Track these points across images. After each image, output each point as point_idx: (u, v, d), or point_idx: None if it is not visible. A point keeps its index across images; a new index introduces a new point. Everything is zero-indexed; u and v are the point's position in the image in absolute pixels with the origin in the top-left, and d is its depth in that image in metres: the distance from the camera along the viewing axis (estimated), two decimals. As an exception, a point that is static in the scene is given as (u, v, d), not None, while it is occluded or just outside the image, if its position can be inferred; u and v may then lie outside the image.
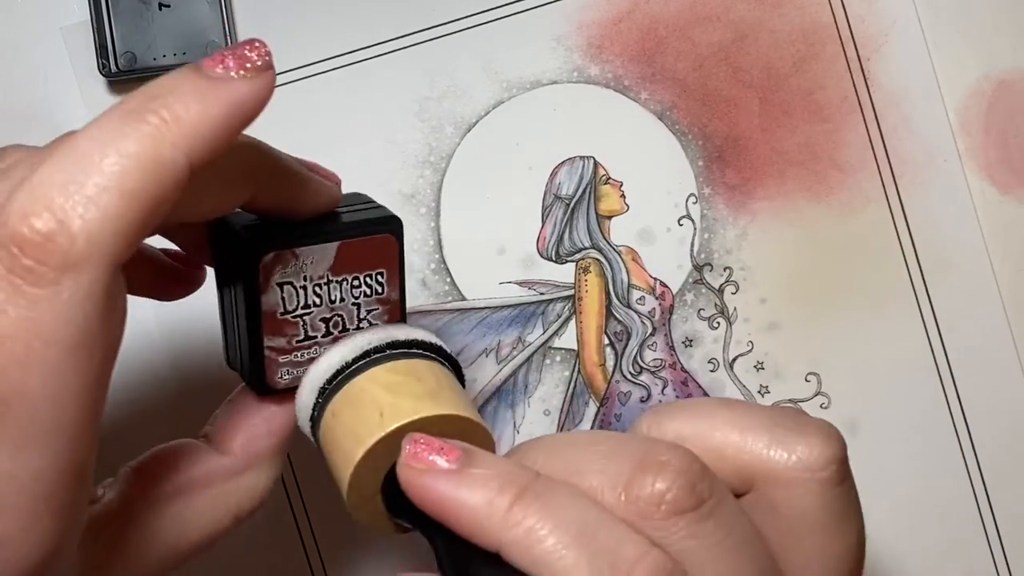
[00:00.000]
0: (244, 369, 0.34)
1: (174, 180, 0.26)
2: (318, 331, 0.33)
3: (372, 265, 0.33)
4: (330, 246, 0.32)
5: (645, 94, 0.48)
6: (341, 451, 0.31)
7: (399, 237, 0.33)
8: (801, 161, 0.48)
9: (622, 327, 0.48)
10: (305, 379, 0.33)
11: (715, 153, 0.48)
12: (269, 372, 0.33)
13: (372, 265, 0.33)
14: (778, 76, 0.48)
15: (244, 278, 0.32)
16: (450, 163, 0.48)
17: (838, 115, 0.48)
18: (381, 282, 0.33)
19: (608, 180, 0.48)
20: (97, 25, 0.45)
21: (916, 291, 0.48)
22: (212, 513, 0.33)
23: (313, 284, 0.33)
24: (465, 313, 0.48)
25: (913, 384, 0.48)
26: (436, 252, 0.48)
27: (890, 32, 0.48)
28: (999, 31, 0.49)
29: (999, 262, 0.49)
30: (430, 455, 0.29)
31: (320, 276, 0.32)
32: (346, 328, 0.33)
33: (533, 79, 0.48)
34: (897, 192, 0.48)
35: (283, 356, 0.33)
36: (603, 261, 0.48)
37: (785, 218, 0.48)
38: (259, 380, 0.33)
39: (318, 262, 0.32)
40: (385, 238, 0.33)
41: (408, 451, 0.29)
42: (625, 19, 0.48)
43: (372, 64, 0.47)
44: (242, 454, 0.33)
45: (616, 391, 0.48)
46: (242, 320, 0.33)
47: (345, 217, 0.33)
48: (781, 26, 0.48)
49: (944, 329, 0.48)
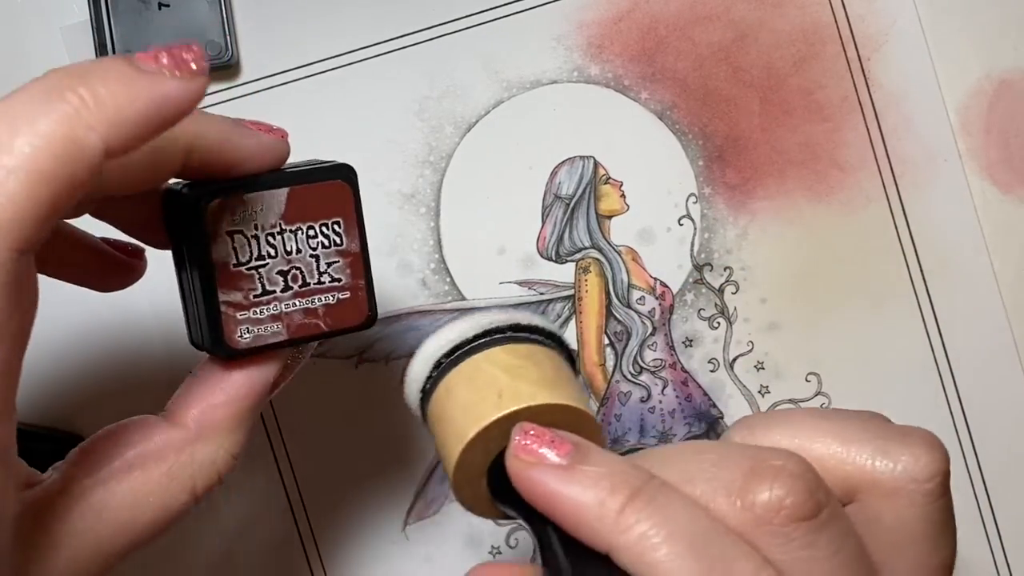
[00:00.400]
0: (203, 334, 0.32)
1: (88, 165, 0.25)
2: (276, 285, 0.32)
3: (327, 214, 0.33)
4: (279, 192, 0.32)
5: (645, 94, 0.48)
6: (453, 427, 0.31)
7: (353, 185, 0.33)
8: (801, 161, 0.48)
9: (622, 327, 0.48)
10: (420, 350, 0.32)
11: (715, 153, 0.48)
12: (227, 330, 0.32)
13: (327, 214, 0.33)
14: (778, 76, 0.48)
15: (192, 229, 0.31)
16: (450, 163, 0.48)
17: (838, 115, 0.48)
18: (339, 231, 0.33)
19: (608, 180, 0.48)
20: (97, 25, 0.45)
21: (916, 291, 0.48)
22: (167, 489, 0.32)
23: (265, 234, 0.32)
24: (465, 313, 0.48)
25: (914, 384, 0.48)
26: (436, 252, 0.48)
27: (890, 32, 0.48)
28: (1000, 31, 0.49)
29: (1000, 261, 0.48)
30: (540, 447, 0.28)
31: (272, 225, 0.32)
32: (307, 283, 0.33)
33: (533, 79, 0.48)
34: (897, 192, 0.48)
35: (241, 312, 0.32)
36: (603, 261, 0.48)
37: (785, 218, 0.48)
38: (218, 341, 0.32)
39: (268, 210, 0.32)
40: (337, 184, 0.33)
41: (518, 442, 0.29)
42: (625, 18, 0.48)
43: (372, 64, 0.47)
44: (196, 425, 0.32)
45: (616, 391, 0.48)
46: (195, 279, 0.32)
47: (295, 168, 0.33)
48: (781, 25, 0.48)
49: (944, 329, 0.48)
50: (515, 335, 0.32)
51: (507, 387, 0.30)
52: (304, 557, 0.47)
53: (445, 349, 0.32)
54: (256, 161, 0.32)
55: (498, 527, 0.48)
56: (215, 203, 0.31)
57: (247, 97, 0.47)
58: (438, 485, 0.48)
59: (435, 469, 0.48)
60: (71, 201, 0.25)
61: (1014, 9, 0.49)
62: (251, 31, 0.47)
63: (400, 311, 0.47)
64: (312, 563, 0.48)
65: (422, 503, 0.48)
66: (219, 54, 0.46)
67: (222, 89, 0.47)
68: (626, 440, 0.48)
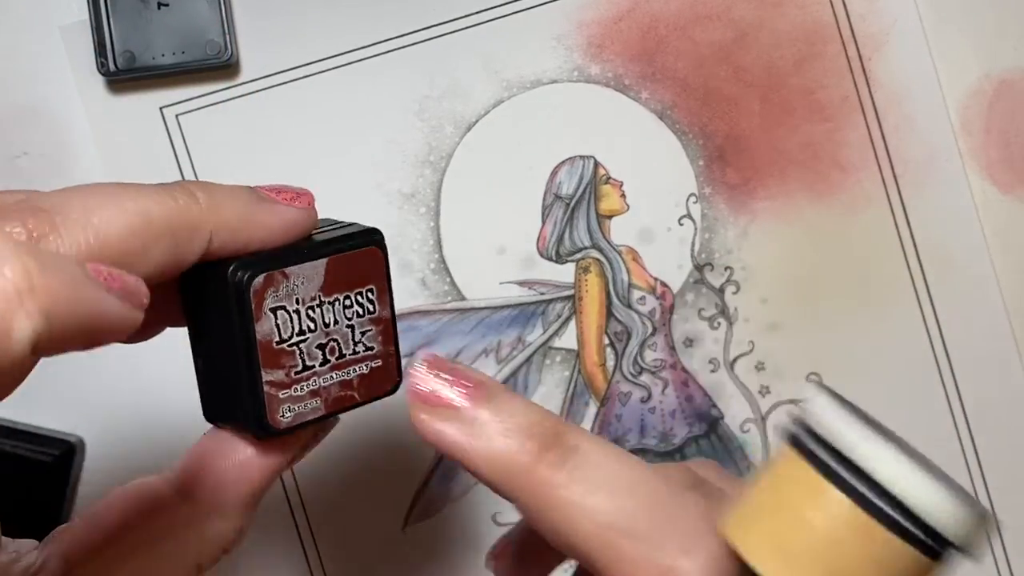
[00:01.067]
0: (241, 415, 0.31)
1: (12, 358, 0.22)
2: (315, 359, 0.32)
3: (362, 282, 0.32)
4: (319, 263, 0.31)
5: (646, 93, 0.48)
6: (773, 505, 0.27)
7: (384, 250, 0.33)
8: (802, 160, 0.48)
9: (622, 327, 0.48)
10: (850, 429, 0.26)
11: (716, 152, 0.48)
12: (271, 411, 0.31)
13: (362, 282, 0.32)
14: (779, 75, 0.48)
15: (236, 308, 0.30)
16: (450, 162, 0.47)
17: (839, 114, 0.48)
18: (372, 299, 0.32)
19: (608, 180, 0.48)
20: (96, 24, 0.45)
21: (917, 290, 0.48)
22: (171, 564, 0.31)
23: (306, 307, 0.31)
24: (465, 313, 0.48)
25: (914, 383, 0.48)
26: (436, 252, 0.47)
27: (891, 31, 0.48)
28: (1000, 31, 0.48)
29: (1000, 261, 0.48)
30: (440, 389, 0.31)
31: (312, 297, 0.31)
32: (343, 354, 0.32)
33: (533, 78, 0.48)
34: (898, 191, 0.48)
35: (283, 391, 0.31)
36: (603, 261, 0.48)
37: (786, 218, 0.48)
38: (260, 421, 0.31)
39: (309, 282, 0.31)
40: (372, 251, 0.32)
41: (414, 379, 0.31)
42: (625, 18, 0.48)
43: (372, 63, 0.47)
44: (207, 501, 0.31)
45: (616, 391, 0.48)
46: (236, 358, 0.31)
47: (326, 235, 0.32)
48: (782, 25, 0.48)
49: (945, 328, 0.48)
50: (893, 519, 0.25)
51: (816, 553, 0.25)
52: (304, 557, 0.47)
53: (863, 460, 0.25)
54: (279, 238, 0.31)
55: (497, 526, 0.48)
56: (259, 280, 0.30)
57: (246, 97, 0.47)
58: (438, 485, 0.48)
59: (435, 469, 0.48)
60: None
61: (1014, 9, 0.49)
62: (251, 30, 0.47)
63: (400, 311, 0.47)
64: (312, 563, 0.47)
65: (422, 503, 0.48)
66: (218, 53, 0.45)
67: (221, 89, 0.47)
68: (626, 441, 0.48)
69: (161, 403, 0.47)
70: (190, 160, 0.47)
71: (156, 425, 0.47)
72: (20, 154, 0.47)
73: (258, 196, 0.31)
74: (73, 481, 0.46)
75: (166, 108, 0.47)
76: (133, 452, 0.47)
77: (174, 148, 0.47)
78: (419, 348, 0.47)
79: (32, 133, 0.47)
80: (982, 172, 0.49)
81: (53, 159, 0.47)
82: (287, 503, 0.47)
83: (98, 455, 0.47)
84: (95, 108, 0.46)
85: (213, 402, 0.32)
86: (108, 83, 0.47)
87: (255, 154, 0.47)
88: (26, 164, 0.47)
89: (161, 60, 0.45)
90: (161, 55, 0.45)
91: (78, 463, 0.46)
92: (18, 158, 0.47)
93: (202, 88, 0.47)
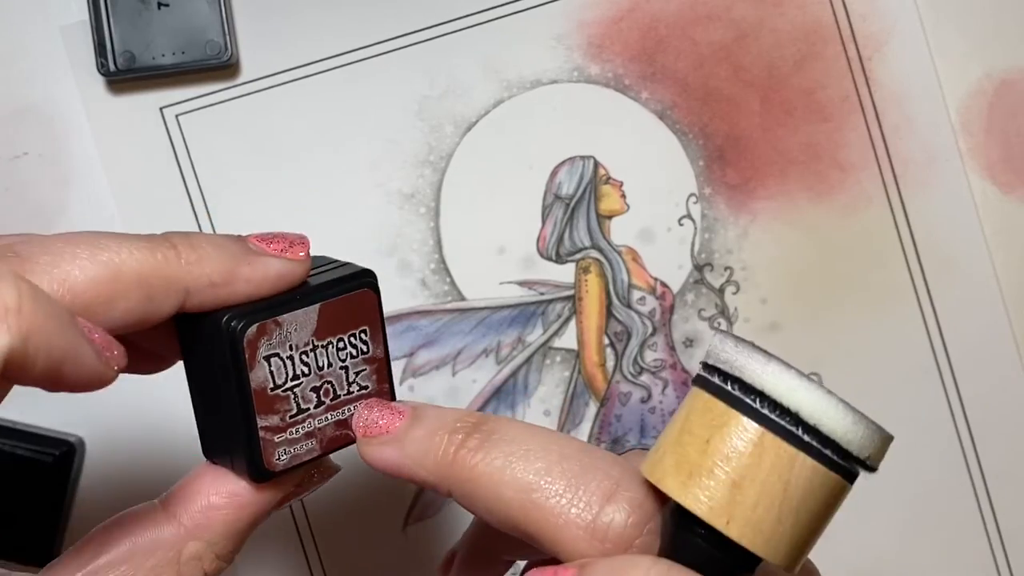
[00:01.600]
0: (237, 457, 0.32)
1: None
2: (310, 402, 0.32)
3: (355, 324, 0.32)
4: (312, 309, 0.31)
5: (646, 93, 0.48)
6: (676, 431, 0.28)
7: (377, 291, 0.33)
8: (802, 161, 0.48)
9: (622, 327, 0.48)
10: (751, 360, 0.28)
11: (716, 152, 0.48)
12: (266, 455, 0.31)
13: (355, 324, 0.32)
14: (779, 75, 0.48)
15: (229, 358, 0.30)
16: (450, 162, 0.47)
17: (839, 114, 0.48)
18: (365, 340, 0.33)
19: (608, 180, 0.48)
20: (96, 24, 0.45)
21: (917, 291, 0.48)
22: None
23: (299, 352, 0.31)
24: (465, 313, 0.48)
25: (914, 384, 0.48)
26: (436, 252, 0.47)
27: (891, 31, 0.48)
28: (1001, 31, 0.48)
29: (1001, 261, 0.48)
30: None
31: (305, 343, 0.31)
32: (337, 395, 0.32)
33: (533, 78, 0.48)
34: (898, 192, 0.48)
35: (278, 435, 0.31)
36: (603, 261, 0.48)
37: (786, 218, 0.48)
38: (257, 467, 0.31)
39: (301, 328, 0.31)
40: (364, 293, 0.32)
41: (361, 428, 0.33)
42: (626, 18, 0.48)
43: (372, 63, 0.47)
44: (191, 524, 0.31)
45: (616, 391, 0.48)
46: (231, 405, 0.31)
47: (319, 279, 0.32)
48: (782, 25, 0.48)
49: (945, 329, 0.48)
50: (826, 454, 0.27)
51: (762, 520, 0.27)
52: (304, 557, 0.47)
53: (757, 381, 0.27)
54: (267, 291, 0.31)
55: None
56: (252, 330, 0.30)
57: (246, 97, 0.47)
58: (438, 485, 0.48)
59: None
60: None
61: (1014, 9, 0.49)
62: (251, 31, 0.47)
63: (400, 311, 0.47)
64: (312, 563, 0.48)
65: (422, 503, 0.48)
66: (218, 54, 0.45)
67: (221, 89, 0.47)
68: (627, 441, 0.48)
69: (161, 403, 0.47)
70: (190, 160, 0.47)
71: (156, 425, 0.47)
72: (20, 154, 0.47)
73: (246, 248, 0.31)
74: (73, 481, 0.46)
75: (166, 108, 0.47)
76: (133, 452, 0.47)
77: (174, 148, 0.47)
78: (419, 348, 0.48)
79: (31, 132, 0.47)
80: (983, 172, 0.49)
81: (53, 159, 0.47)
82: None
83: (98, 455, 0.47)
84: (95, 108, 0.46)
85: (210, 439, 0.33)
86: (108, 83, 0.47)
87: (255, 154, 0.47)
88: (26, 164, 0.47)
89: (161, 60, 0.45)
90: (161, 55, 0.45)
91: (78, 463, 0.46)
92: (18, 158, 0.47)
93: (202, 88, 0.47)
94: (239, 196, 0.47)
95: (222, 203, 0.47)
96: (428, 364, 0.48)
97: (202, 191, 0.47)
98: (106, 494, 0.47)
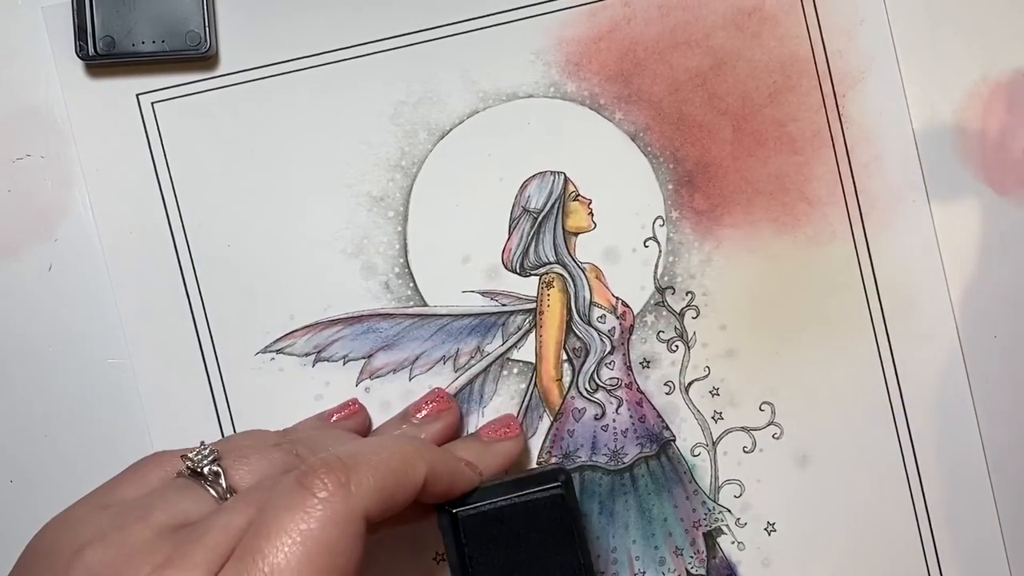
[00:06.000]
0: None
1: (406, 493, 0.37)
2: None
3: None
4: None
5: (620, 114, 0.48)
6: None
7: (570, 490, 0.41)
8: (770, 191, 0.48)
9: (581, 344, 0.48)
10: None
11: (685, 177, 0.48)
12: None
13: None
14: (753, 105, 0.48)
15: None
16: (421, 168, 0.48)
17: (810, 148, 0.48)
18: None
19: (577, 197, 0.48)
20: (77, 7, 0.45)
21: (875, 329, 0.49)
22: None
23: None
24: (426, 319, 0.48)
25: (866, 419, 0.49)
26: (401, 256, 0.48)
27: (867, 70, 0.48)
28: (997, 33, 0.49)
29: (995, 265, 0.49)
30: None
31: None
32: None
33: (510, 91, 0.48)
34: (863, 229, 0.49)
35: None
36: (567, 277, 0.48)
37: (750, 247, 0.48)
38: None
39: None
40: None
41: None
42: (605, 38, 0.48)
43: (350, 65, 0.47)
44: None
45: (571, 407, 0.48)
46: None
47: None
48: (759, 56, 0.48)
49: (900, 368, 0.49)
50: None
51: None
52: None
53: None
54: (497, 470, 0.44)
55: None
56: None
57: (223, 90, 0.47)
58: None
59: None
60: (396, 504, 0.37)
61: (1013, 11, 0.49)
62: (232, 25, 0.47)
63: (361, 312, 0.48)
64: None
65: (370, 505, 0.48)
66: (198, 45, 0.46)
67: (199, 80, 0.47)
68: (577, 456, 0.48)
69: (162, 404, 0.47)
70: (163, 148, 0.47)
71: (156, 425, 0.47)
72: (23, 155, 0.47)
73: (490, 429, 0.45)
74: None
75: (143, 95, 0.47)
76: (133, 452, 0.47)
77: (147, 135, 0.47)
78: (378, 350, 0.48)
79: (6, 111, 0.47)
80: (978, 174, 0.49)
81: (53, 160, 0.47)
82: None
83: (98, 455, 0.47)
84: (73, 91, 0.47)
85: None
86: (87, 67, 0.47)
87: (228, 146, 0.47)
88: (26, 165, 0.47)
89: (141, 47, 0.46)
90: (141, 42, 0.46)
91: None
92: (20, 159, 0.47)
93: (180, 78, 0.47)
94: (209, 187, 0.47)
95: (191, 192, 0.47)
96: (386, 367, 0.48)
97: (172, 179, 0.47)
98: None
